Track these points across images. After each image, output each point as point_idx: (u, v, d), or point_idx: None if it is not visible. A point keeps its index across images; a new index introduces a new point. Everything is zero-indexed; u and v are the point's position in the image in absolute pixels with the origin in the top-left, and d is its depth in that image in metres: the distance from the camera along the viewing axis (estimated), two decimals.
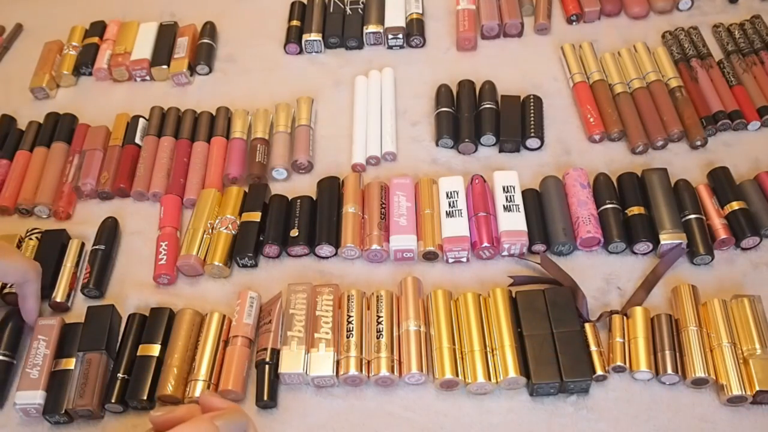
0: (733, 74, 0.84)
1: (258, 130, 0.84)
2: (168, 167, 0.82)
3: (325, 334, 0.65)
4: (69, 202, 0.81)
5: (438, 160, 0.82)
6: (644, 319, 0.65)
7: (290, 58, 0.94)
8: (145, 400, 0.64)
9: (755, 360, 0.61)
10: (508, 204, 0.73)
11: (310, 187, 0.80)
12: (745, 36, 0.88)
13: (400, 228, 0.73)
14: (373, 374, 0.64)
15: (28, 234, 0.77)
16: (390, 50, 0.94)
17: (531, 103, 0.83)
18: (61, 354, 0.67)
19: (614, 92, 0.84)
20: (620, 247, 0.72)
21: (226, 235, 0.74)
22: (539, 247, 0.72)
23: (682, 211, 0.72)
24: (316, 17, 0.95)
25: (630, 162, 0.80)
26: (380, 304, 0.67)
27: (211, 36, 0.96)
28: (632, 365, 0.63)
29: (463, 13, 0.93)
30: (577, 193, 0.74)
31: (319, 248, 0.74)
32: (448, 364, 0.63)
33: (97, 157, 0.83)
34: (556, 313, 0.65)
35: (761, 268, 0.71)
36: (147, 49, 0.94)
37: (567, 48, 0.89)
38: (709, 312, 0.65)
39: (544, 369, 0.62)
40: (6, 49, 1.00)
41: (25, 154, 0.85)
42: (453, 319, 0.66)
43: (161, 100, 0.90)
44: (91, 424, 0.65)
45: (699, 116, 0.81)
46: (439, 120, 0.83)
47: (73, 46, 0.96)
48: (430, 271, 0.73)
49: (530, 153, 0.82)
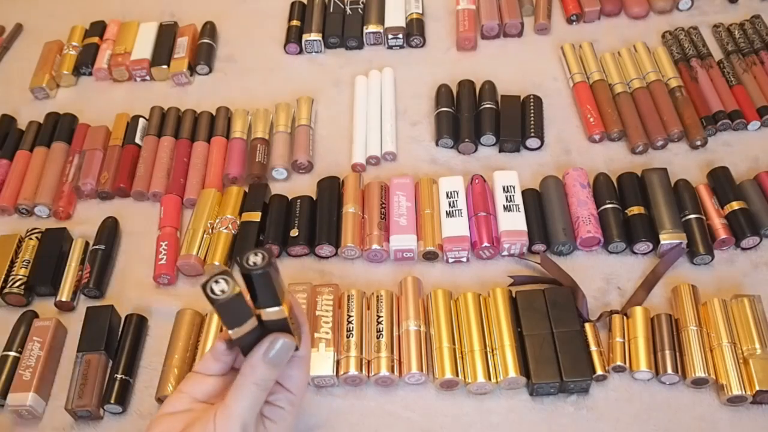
0: (733, 74, 0.84)
1: (258, 130, 0.84)
2: (168, 167, 0.82)
3: (325, 333, 0.65)
4: (69, 202, 0.81)
5: (438, 160, 0.82)
6: (644, 319, 0.65)
7: (290, 58, 0.94)
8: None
9: (755, 360, 0.61)
10: (508, 204, 0.73)
11: (310, 187, 0.80)
12: (745, 36, 0.88)
13: (400, 228, 0.73)
14: (373, 374, 0.64)
15: (28, 234, 0.77)
16: (390, 50, 0.94)
17: (531, 103, 0.83)
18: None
19: (614, 92, 0.84)
20: (620, 247, 0.72)
21: (226, 235, 0.74)
22: (539, 247, 0.72)
23: (682, 211, 0.72)
24: (316, 17, 0.95)
25: (630, 162, 0.80)
26: (380, 304, 0.67)
27: (211, 36, 0.96)
28: (632, 365, 0.63)
29: (463, 13, 0.93)
30: (577, 193, 0.74)
31: (319, 248, 0.74)
32: (448, 363, 0.63)
33: (97, 157, 0.83)
34: (556, 313, 0.65)
35: (761, 267, 0.71)
36: (147, 49, 0.94)
37: (567, 48, 0.89)
38: (709, 312, 0.65)
39: (544, 369, 0.62)
40: (6, 49, 1.00)
41: (25, 154, 0.85)
42: (453, 319, 0.66)
43: (161, 100, 0.90)
44: (91, 425, 0.65)
45: (699, 116, 0.81)
46: (439, 120, 0.83)
47: (73, 46, 0.96)
48: (430, 271, 0.73)
49: (530, 153, 0.82)
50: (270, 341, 0.47)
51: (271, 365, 0.47)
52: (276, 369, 0.47)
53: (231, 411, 0.46)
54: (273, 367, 0.47)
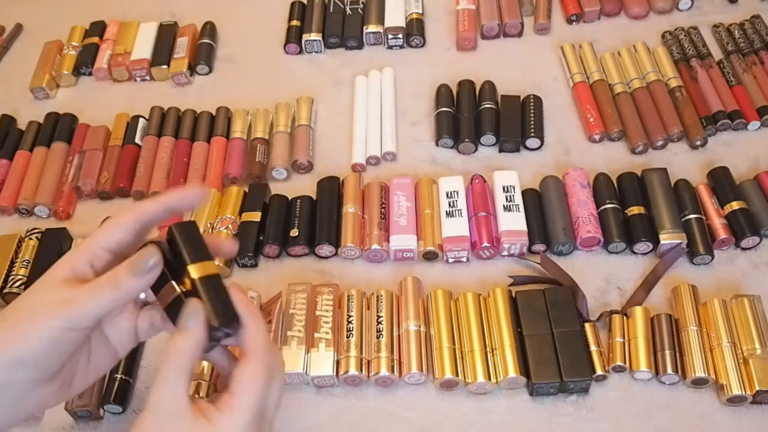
0: (733, 74, 0.84)
1: (258, 130, 0.84)
2: (168, 167, 0.82)
3: (325, 334, 0.65)
4: (69, 202, 0.81)
5: (438, 160, 0.82)
6: (644, 319, 0.65)
7: (290, 58, 0.94)
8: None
9: (755, 360, 0.61)
10: (508, 204, 0.73)
11: (310, 187, 0.80)
12: (745, 36, 0.88)
13: (400, 228, 0.73)
14: (373, 374, 0.64)
15: (28, 234, 0.77)
16: (390, 50, 0.94)
17: (531, 103, 0.83)
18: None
19: (614, 92, 0.84)
20: (620, 247, 0.72)
21: (226, 234, 0.74)
22: (539, 247, 0.72)
23: (682, 211, 0.72)
24: (316, 17, 0.95)
25: (630, 162, 0.80)
26: (380, 304, 0.67)
27: (211, 36, 0.96)
28: (632, 365, 0.63)
29: (463, 13, 0.93)
30: (577, 193, 0.74)
31: (319, 248, 0.74)
32: (448, 363, 0.63)
33: (97, 157, 0.83)
34: (556, 313, 0.65)
35: (761, 267, 0.71)
36: (147, 49, 0.94)
37: (567, 48, 0.89)
38: (709, 312, 0.65)
39: (544, 369, 0.62)
40: (6, 49, 1.00)
41: (25, 154, 0.85)
42: (453, 319, 0.66)
43: (161, 100, 0.90)
44: (91, 426, 0.65)
45: (699, 116, 0.81)
46: (439, 120, 0.83)
47: (73, 46, 0.96)
48: (430, 271, 0.73)
49: (530, 153, 0.82)
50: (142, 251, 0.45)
51: (132, 272, 0.44)
52: (136, 277, 0.44)
53: (80, 305, 0.44)
54: (133, 275, 0.44)
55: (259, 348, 0.45)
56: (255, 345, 0.45)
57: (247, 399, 0.43)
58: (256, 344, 0.45)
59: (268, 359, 0.45)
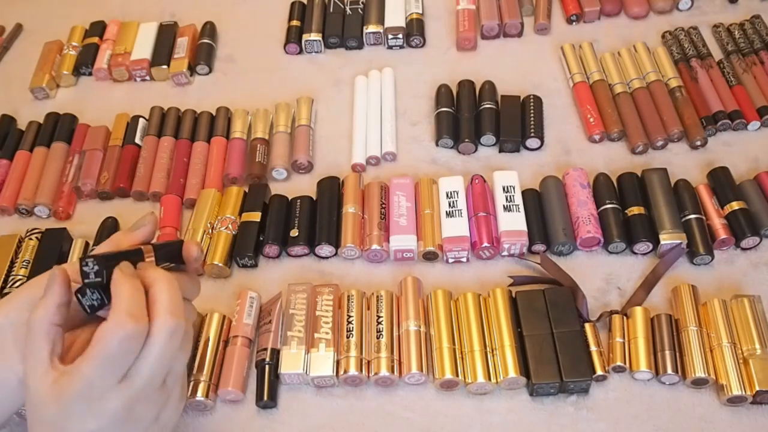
0: (733, 74, 0.84)
1: (258, 130, 0.84)
2: (168, 167, 0.82)
3: (325, 334, 0.65)
4: (69, 202, 0.81)
5: (438, 160, 0.82)
6: (644, 319, 0.65)
7: (290, 58, 0.94)
8: None
9: (755, 360, 0.61)
10: (508, 204, 0.73)
11: (310, 187, 0.80)
12: (745, 36, 0.88)
13: (400, 228, 0.73)
14: (373, 374, 0.64)
15: (28, 234, 0.77)
16: (390, 50, 0.94)
17: (531, 103, 0.83)
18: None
19: (614, 92, 0.84)
20: (620, 247, 0.72)
21: (226, 235, 0.74)
22: (539, 247, 0.72)
23: (682, 211, 0.72)
24: (316, 17, 0.95)
25: (630, 162, 0.80)
26: (380, 304, 0.67)
27: (211, 36, 0.96)
28: (632, 365, 0.63)
29: (463, 13, 0.93)
30: (577, 193, 0.74)
31: (319, 248, 0.74)
32: (448, 364, 0.63)
33: (97, 157, 0.83)
34: (556, 313, 0.65)
35: (761, 268, 0.71)
36: (147, 49, 0.94)
37: (567, 48, 0.89)
38: (709, 312, 0.65)
39: (544, 369, 0.62)
40: (6, 49, 1.00)
41: (25, 154, 0.85)
42: (453, 319, 0.66)
43: (161, 100, 0.90)
44: None
45: (699, 116, 0.81)
46: (439, 120, 0.83)
47: (73, 46, 0.96)
48: (430, 271, 0.73)
49: (530, 153, 0.82)
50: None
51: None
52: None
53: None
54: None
55: (122, 306, 0.45)
56: (116, 305, 0.45)
57: (98, 350, 0.44)
58: (118, 305, 0.45)
59: (141, 321, 0.45)
